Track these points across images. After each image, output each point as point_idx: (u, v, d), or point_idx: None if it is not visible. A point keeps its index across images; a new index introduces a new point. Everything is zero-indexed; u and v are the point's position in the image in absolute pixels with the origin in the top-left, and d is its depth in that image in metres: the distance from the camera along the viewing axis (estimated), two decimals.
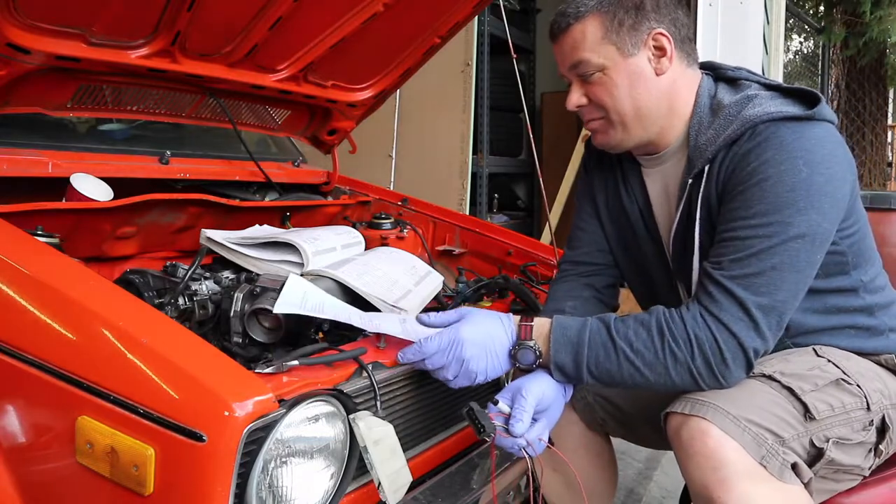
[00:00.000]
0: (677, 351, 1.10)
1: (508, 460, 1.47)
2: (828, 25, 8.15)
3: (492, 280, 1.77)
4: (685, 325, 1.11)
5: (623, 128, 1.26)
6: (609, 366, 1.13)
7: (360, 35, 1.74)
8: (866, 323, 1.27)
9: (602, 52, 1.22)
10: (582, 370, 1.15)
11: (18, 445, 1.05)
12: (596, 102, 1.25)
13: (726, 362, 1.10)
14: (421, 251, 2.08)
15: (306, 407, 1.00)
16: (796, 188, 1.11)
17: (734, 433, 1.06)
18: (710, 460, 1.06)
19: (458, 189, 3.52)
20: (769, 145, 1.14)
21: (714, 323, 1.10)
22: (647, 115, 1.25)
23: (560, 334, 1.16)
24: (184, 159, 1.90)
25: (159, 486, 0.93)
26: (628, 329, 1.13)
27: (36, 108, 1.57)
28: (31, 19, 1.33)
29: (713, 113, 1.24)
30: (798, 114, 1.15)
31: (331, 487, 1.05)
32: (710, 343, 1.10)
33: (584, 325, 1.16)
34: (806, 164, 1.12)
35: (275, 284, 1.33)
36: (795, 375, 1.17)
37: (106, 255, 1.68)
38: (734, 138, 1.18)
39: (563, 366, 1.16)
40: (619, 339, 1.13)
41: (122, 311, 1.05)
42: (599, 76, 1.23)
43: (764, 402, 1.12)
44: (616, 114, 1.24)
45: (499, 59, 3.97)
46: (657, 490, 2.43)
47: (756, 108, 1.18)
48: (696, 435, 1.08)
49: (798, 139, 1.13)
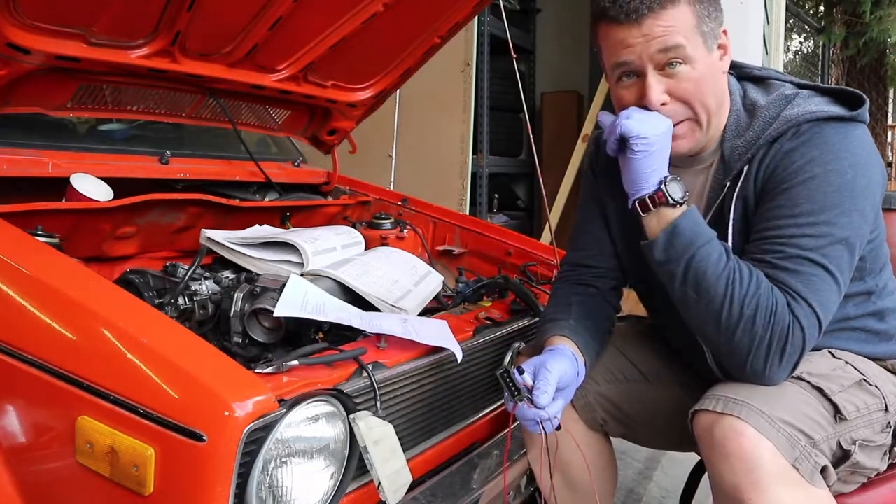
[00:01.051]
0: (759, 313, 1.07)
1: (508, 460, 1.47)
2: (828, 25, 8.15)
3: (492, 280, 1.77)
4: (775, 297, 1.08)
5: (707, 127, 1.20)
6: (710, 270, 1.09)
7: (360, 35, 1.74)
8: (876, 327, 1.26)
9: (694, 41, 1.13)
10: (688, 251, 1.11)
11: (18, 445, 1.05)
12: (681, 98, 1.16)
13: (783, 357, 1.08)
14: (421, 251, 2.08)
15: (306, 407, 1.00)
16: (842, 189, 1.10)
17: (769, 434, 1.04)
18: (744, 462, 1.03)
19: (458, 189, 3.52)
20: (814, 144, 1.12)
21: (792, 315, 1.08)
22: (718, 110, 1.20)
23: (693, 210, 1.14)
24: (184, 159, 1.91)
25: (159, 486, 0.93)
26: (741, 262, 1.11)
27: (36, 108, 1.57)
28: (31, 19, 1.33)
29: (749, 114, 1.21)
30: (843, 114, 1.14)
31: (331, 487, 1.05)
32: (784, 329, 1.07)
33: (710, 233, 1.13)
34: (851, 165, 1.11)
35: (275, 284, 1.33)
36: (823, 376, 1.15)
37: (106, 255, 1.68)
38: (775, 137, 1.16)
39: (681, 231, 1.12)
40: (733, 259, 1.10)
41: (122, 311, 1.05)
42: (687, 70, 1.14)
43: (796, 402, 1.10)
44: (703, 109, 1.17)
45: (499, 59, 3.97)
46: (657, 490, 2.43)
47: (797, 108, 1.16)
48: (729, 434, 1.05)
49: (843, 140, 1.12)
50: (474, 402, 1.48)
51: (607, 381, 1.41)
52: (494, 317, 1.57)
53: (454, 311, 1.62)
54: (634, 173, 1.16)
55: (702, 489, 1.85)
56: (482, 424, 1.50)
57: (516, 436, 1.53)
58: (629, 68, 1.16)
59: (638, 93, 1.17)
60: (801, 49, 8.64)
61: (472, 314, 1.57)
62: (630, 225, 1.37)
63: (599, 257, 1.41)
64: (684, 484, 1.82)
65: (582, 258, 1.43)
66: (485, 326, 1.50)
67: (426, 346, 1.29)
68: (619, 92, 1.21)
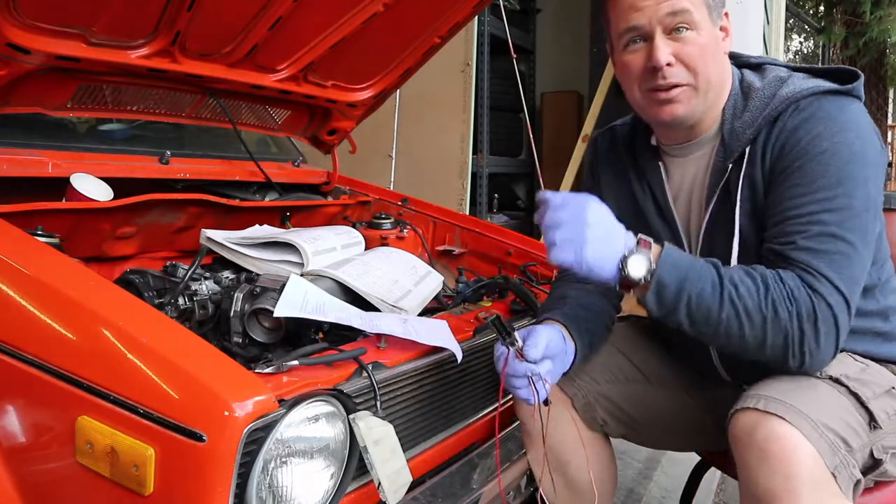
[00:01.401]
0: (779, 307, 1.05)
1: (508, 460, 1.47)
2: (828, 25, 8.16)
3: (492, 280, 1.77)
4: (785, 284, 1.06)
5: (705, 96, 1.21)
6: (710, 302, 1.07)
7: (360, 35, 1.74)
8: (882, 328, 1.24)
9: (700, 9, 1.17)
10: (681, 298, 1.08)
11: (18, 445, 1.05)
12: (685, 62, 1.18)
13: (818, 334, 1.06)
14: (421, 251, 2.08)
15: (306, 407, 1.00)
16: (853, 160, 1.10)
17: (813, 438, 1.01)
18: (784, 466, 1.00)
19: (458, 189, 3.52)
20: (818, 119, 1.12)
21: (813, 294, 1.06)
22: (718, 87, 1.21)
23: (670, 258, 1.09)
24: (184, 159, 1.91)
25: (159, 486, 0.93)
26: (733, 274, 1.08)
27: (36, 108, 1.57)
28: (31, 19, 1.33)
29: (745, 97, 1.22)
30: (838, 88, 1.15)
31: (331, 487, 1.05)
32: (808, 309, 1.05)
33: (693, 260, 1.11)
34: (857, 136, 1.11)
35: (275, 284, 1.33)
36: (858, 380, 1.13)
37: (106, 255, 1.68)
38: (775, 116, 1.16)
39: (665, 286, 1.08)
40: (725, 279, 1.07)
41: (122, 311, 1.05)
42: (693, 35, 1.17)
43: (836, 407, 1.08)
44: (703, 78, 1.19)
45: (499, 59, 3.98)
46: (657, 490, 2.43)
47: (792, 86, 1.17)
48: (773, 437, 1.01)
49: (842, 111, 1.13)
50: (474, 402, 1.48)
51: (607, 381, 1.41)
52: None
53: (454, 311, 1.62)
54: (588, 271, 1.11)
55: (702, 489, 1.85)
56: (482, 424, 1.50)
57: (516, 436, 1.53)
58: (638, 32, 1.19)
59: (645, 55, 1.19)
60: (801, 49, 8.65)
61: (472, 314, 1.57)
62: (628, 220, 1.37)
63: None
64: (684, 484, 1.82)
65: None
66: (485, 326, 1.50)
67: (426, 346, 1.28)
68: (626, 58, 1.22)
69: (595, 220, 1.08)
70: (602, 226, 1.09)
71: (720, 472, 1.96)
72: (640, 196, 1.34)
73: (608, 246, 1.09)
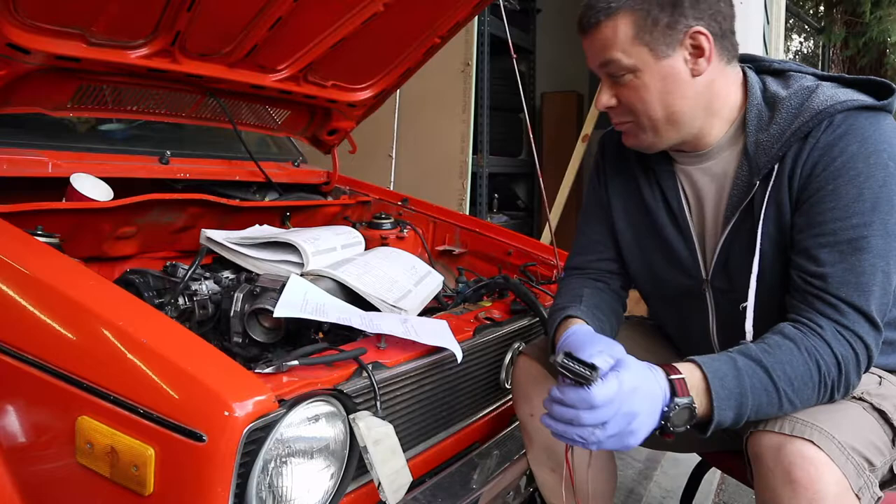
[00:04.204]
0: (828, 378, 1.04)
1: (508, 460, 1.47)
2: (828, 25, 8.16)
3: (492, 280, 1.76)
4: (832, 348, 1.04)
5: (654, 132, 1.18)
6: (770, 409, 1.03)
7: (360, 35, 1.74)
8: (892, 337, 1.21)
9: (633, 53, 1.13)
10: (742, 420, 1.04)
11: (18, 445, 1.05)
12: (626, 105, 1.17)
13: (860, 375, 1.07)
14: (421, 251, 2.08)
15: (306, 407, 1.00)
16: (888, 183, 1.07)
17: (839, 461, 0.99)
18: (809, 491, 0.98)
19: (458, 189, 3.52)
20: (852, 138, 1.08)
21: (852, 337, 1.05)
22: (681, 119, 1.16)
23: (720, 386, 1.02)
24: (184, 159, 1.91)
25: (159, 486, 0.93)
26: (784, 365, 1.03)
27: (36, 108, 1.57)
28: (31, 19, 1.33)
29: (770, 108, 1.16)
30: (874, 104, 1.10)
31: (331, 487, 1.05)
32: (853, 361, 1.05)
33: (738, 370, 1.03)
34: (891, 157, 1.08)
35: (275, 284, 1.33)
36: (880, 395, 1.12)
37: (106, 255, 1.68)
38: (807, 131, 1.11)
39: (724, 421, 1.03)
40: (778, 379, 1.03)
41: (122, 311, 1.05)
42: (630, 78, 1.14)
43: (861, 426, 1.07)
44: (646, 119, 1.17)
45: (499, 59, 3.97)
46: (657, 490, 2.43)
47: (822, 98, 1.11)
48: (798, 461, 0.99)
49: (877, 130, 1.09)
50: (474, 402, 1.48)
51: None
52: (494, 317, 1.57)
53: (454, 311, 1.62)
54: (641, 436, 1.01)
55: (702, 489, 1.85)
56: (482, 424, 1.50)
57: (516, 435, 1.53)
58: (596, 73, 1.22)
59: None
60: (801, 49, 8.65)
61: (472, 314, 1.57)
62: (636, 227, 1.35)
63: (603, 262, 1.39)
64: (684, 484, 1.82)
65: (584, 262, 1.41)
66: (485, 326, 1.50)
67: (426, 346, 1.28)
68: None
69: (640, 405, 0.98)
70: (647, 402, 0.99)
71: (720, 472, 1.97)
72: (652, 203, 1.30)
73: (653, 421, 1.00)
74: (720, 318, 1.28)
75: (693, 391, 1.01)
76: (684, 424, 1.01)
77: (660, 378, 1.01)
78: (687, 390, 1.01)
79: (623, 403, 0.96)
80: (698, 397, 1.02)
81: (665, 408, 1.00)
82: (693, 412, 1.01)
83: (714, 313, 1.28)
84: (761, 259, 1.16)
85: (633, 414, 0.97)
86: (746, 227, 1.18)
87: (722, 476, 2.43)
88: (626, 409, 0.96)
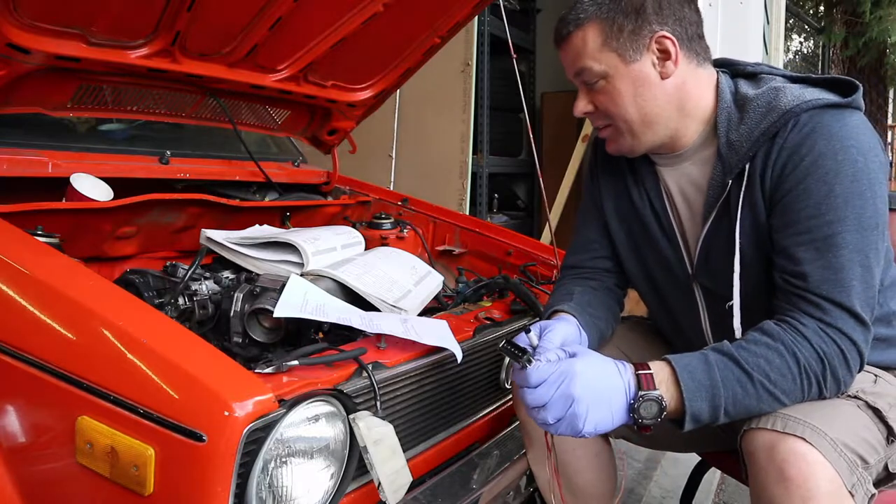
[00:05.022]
0: (812, 373, 1.05)
1: (508, 460, 1.47)
2: (828, 25, 8.17)
3: (492, 280, 1.77)
4: (811, 343, 1.05)
5: (632, 135, 1.23)
6: (748, 402, 1.05)
7: (360, 35, 1.74)
8: (884, 333, 1.23)
9: (603, 59, 1.19)
10: (719, 413, 1.05)
11: (18, 445, 1.05)
12: (602, 110, 1.23)
13: (851, 371, 1.06)
14: (421, 251, 2.08)
15: (306, 407, 1.00)
16: (858, 178, 1.08)
17: (832, 458, 1.00)
18: (801, 489, 0.99)
19: (458, 189, 3.52)
20: (819, 136, 1.10)
21: (836, 334, 1.06)
22: (655, 120, 1.21)
23: (689, 378, 1.04)
24: (184, 159, 1.91)
25: (159, 486, 0.93)
26: (758, 357, 1.05)
27: (36, 108, 1.57)
28: (31, 19, 1.33)
29: (740, 108, 1.20)
30: (839, 101, 1.12)
31: (331, 487, 1.05)
32: (839, 357, 1.06)
33: (708, 364, 1.06)
34: (859, 152, 1.09)
35: (275, 284, 1.33)
36: (874, 394, 1.13)
37: (106, 255, 1.68)
38: (774, 131, 1.13)
39: (699, 413, 1.05)
40: (753, 370, 1.05)
41: (122, 311, 1.05)
42: (603, 84, 1.20)
43: (855, 424, 1.07)
44: (622, 121, 1.22)
45: (499, 59, 3.97)
46: (657, 490, 2.43)
47: (790, 98, 1.14)
48: (791, 458, 1.00)
49: (843, 127, 1.10)
50: (474, 402, 1.48)
51: None
52: (494, 317, 1.57)
53: (454, 311, 1.62)
54: (596, 434, 1.05)
55: (702, 489, 1.85)
56: (482, 424, 1.50)
57: (516, 435, 1.53)
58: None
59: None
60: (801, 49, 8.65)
61: (472, 314, 1.57)
62: (629, 226, 1.37)
63: (599, 260, 1.41)
64: (684, 484, 1.82)
65: (581, 261, 1.43)
66: (485, 326, 1.50)
67: (426, 346, 1.28)
68: None
69: (581, 390, 1.02)
70: (591, 389, 1.03)
71: (720, 472, 1.97)
72: (639, 202, 1.34)
73: (606, 407, 1.03)
74: (712, 317, 1.30)
75: (662, 385, 1.05)
76: (654, 418, 1.04)
77: (625, 373, 1.06)
78: (654, 384, 1.05)
79: (559, 386, 1.02)
80: (668, 391, 1.05)
81: (631, 400, 1.04)
82: (661, 405, 1.04)
83: (705, 312, 1.30)
84: (742, 257, 1.18)
85: (570, 397, 1.01)
86: (724, 225, 1.21)
87: (722, 476, 2.43)
88: (563, 391, 1.02)
